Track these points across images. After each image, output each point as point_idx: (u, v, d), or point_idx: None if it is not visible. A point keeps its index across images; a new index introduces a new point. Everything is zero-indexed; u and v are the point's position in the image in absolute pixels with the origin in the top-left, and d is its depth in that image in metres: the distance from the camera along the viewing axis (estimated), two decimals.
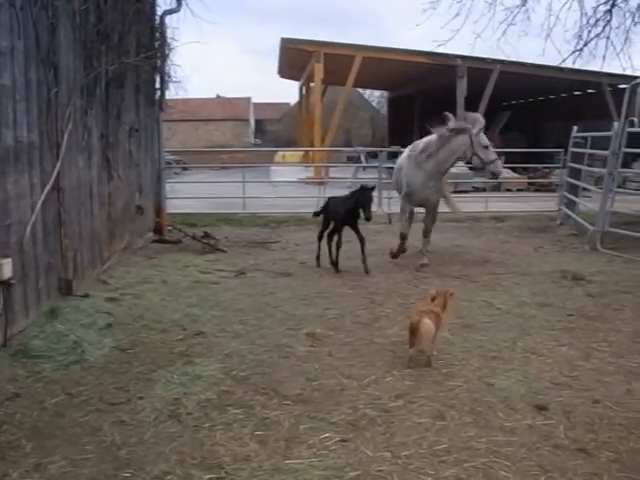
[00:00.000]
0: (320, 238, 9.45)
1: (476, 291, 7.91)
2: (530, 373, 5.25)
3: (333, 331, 6.30)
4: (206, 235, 11.51)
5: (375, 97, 67.15)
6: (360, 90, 64.90)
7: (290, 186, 21.31)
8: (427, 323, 5.15)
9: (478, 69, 27.14)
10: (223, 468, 3.75)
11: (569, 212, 13.57)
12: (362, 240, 8.95)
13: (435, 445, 4.04)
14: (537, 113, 42.26)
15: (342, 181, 22.06)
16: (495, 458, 3.89)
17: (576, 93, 36.91)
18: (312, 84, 30.96)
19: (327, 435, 4.16)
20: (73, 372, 5.20)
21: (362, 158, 28.60)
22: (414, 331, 5.18)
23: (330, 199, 9.63)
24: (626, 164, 11.94)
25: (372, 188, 8.70)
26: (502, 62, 25.49)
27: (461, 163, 10.57)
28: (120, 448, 3.98)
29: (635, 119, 11.47)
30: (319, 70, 26.81)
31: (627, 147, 11.23)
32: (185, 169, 32.05)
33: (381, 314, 6.90)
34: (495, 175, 9.38)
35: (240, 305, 7.23)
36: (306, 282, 8.38)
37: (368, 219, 8.56)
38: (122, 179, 9.40)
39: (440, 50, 16.04)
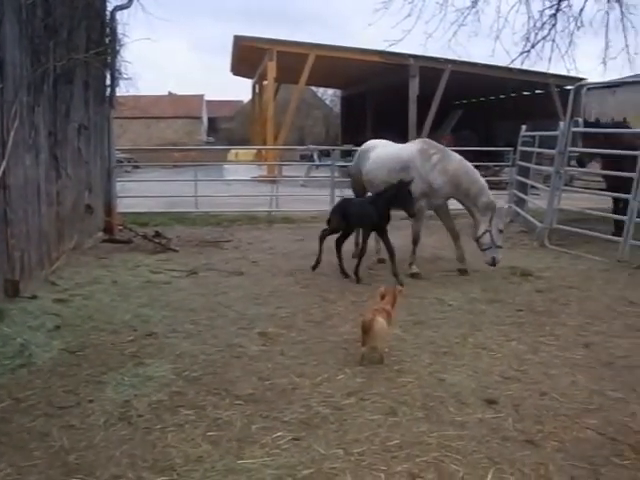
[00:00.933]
0: (323, 240, 8.93)
1: (428, 288, 8.01)
2: (480, 368, 5.34)
3: (285, 330, 6.30)
4: (157, 234, 11.38)
5: (328, 95, 67.32)
6: (313, 88, 64.98)
7: (243, 184, 21.23)
8: (380, 321, 5.20)
9: (430, 68, 27.42)
10: (175, 470, 3.72)
11: (518, 210, 13.84)
12: (392, 251, 8.41)
13: (387, 441, 4.07)
14: (488, 112, 42.87)
15: (295, 179, 22.14)
16: (446, 452, 3.94)
17: (525, 93, 37.61)
18: (265, 82, 30.87)
19: (280, 434, 4.16)
20: (20, 376, 5.08)
21: (315, 157, 28.68)
22: (367, 329, 5.21)
23: (347, 201, 9.09)
24: (582, 164, 12.24)
25: (410, 181, 8.30)
26: (454, 62, 25.79)
27: None
28: (69, 453, 3.90)
29: (580, 119, 11.73)
30: (272, 68, 26.75)
31: (583, 147, 11.57)
32: (136, 167, 31.60)
33: (333, 312, 6.93)
34: (490, 263, 8.84)
35: (192, 305, 7.18)
36: (258, 281, 8.37)
37: (413, 215, 8.44)
38: (71, 177, 9.23)
39: (393, 49, 16.18)
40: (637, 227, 9.92)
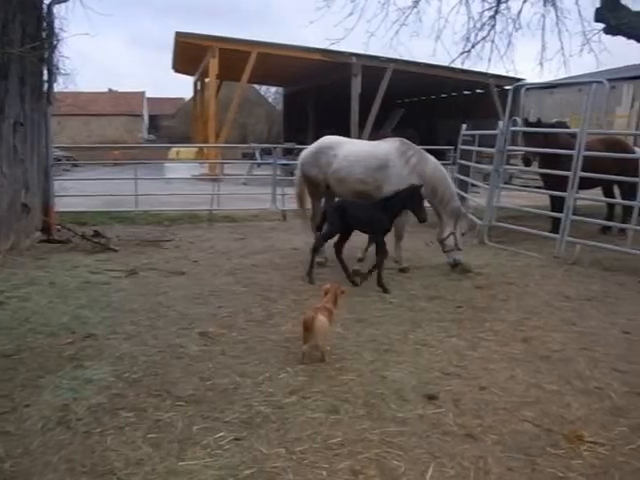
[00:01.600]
0: (317, 250, 8.48)
1: (369, 286, 8.04)
2: (421, 364, 5.40)
3: (226, 329, 6.25)
4: (97, 234, 11.12)
5: (271, 93, 67.12)
6: (256, 86, 64.69)
7: (184, 183, 20.97)
8: (321, 319, 5.21)
9: (373, 67, 27.60)
10: (115, 474, 3.65)
11: None
12: (384, 257, 8.20)
13: (329, 439, 4.08)
14: (430, 111, 43.42)
15: (237, 178, 22.00)
16: (388, 448, 3.98)
17: (466, 92, 38.26)
18: (207, 79, 30.55)
19: (221, 434, 4.13)
20: None
21: (257, 155, 28.57)
22: (308, 327, 5.21)
23: (345, 203, 8.41)
24: (527, 163, 12.51)
25: (421, 186, 8.13)
26: (396, 61, 26.01)
27: None
28: (4, 461, 3.78)
29: (518, 118, 11.97)
30: (214, 65, 26.49)
31: (527, 147, 11.82)
32: (75, 165, 30.93)
33: (275, 311, 6.89)
34: (452, 265, 9.06)
35: (132, 306, 7.05)
36: (199, 281, 8.27)
37: (424, 220, 8.11)
38: (6, 176, 8.99)
39: (335, 48, 16.20)
40: (573, 224, 10.21)
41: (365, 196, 8.85)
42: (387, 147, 8.98)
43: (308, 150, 9.54)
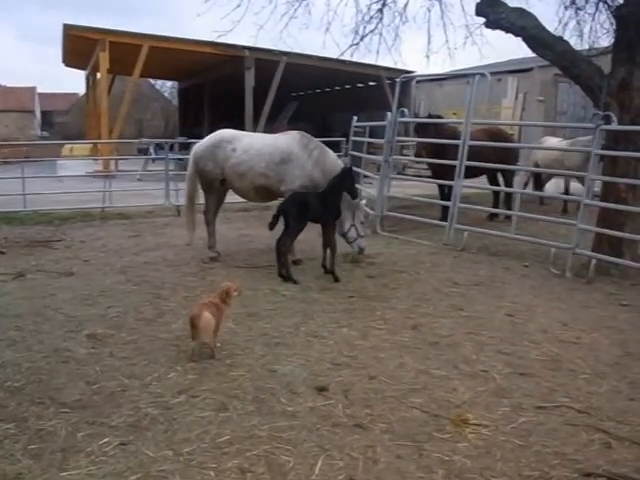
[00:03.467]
0: (286, 253, 8.12)
1: (262, 279, 7.98)
2: (312, 356, 5.39)
3: (115, 330, 6.03)
4: None
5: (167, 88, 65.90)
6: (152, 81, 63.25)
7: (77, 181, 20.19)
8: (206, 316, 5.10)
9: (265, 60, 27.48)
10: None
11: None
12: (334, 246, 8.17)
13: (218, 438, 4.00)
14: (324, 104, 43.67)
15: (131, 174, 21.39)
16: (277, 444, 3.93)
17: (359, 85, 38.75)
18: (99, 74, 29.56)
19: (106, 440, 3.97)
20: None
21: (151, 150, 27.95)
22: (194, 324, 5.10)
23: (306, 195, 8.08)
24: (419, 155, 12.74)
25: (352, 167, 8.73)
26: (288, 54, 25.99)
27: None
28: None
29: (405, 110, 12.18)
30: (104, 59, 25.63)
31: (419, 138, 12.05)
32: None
33: (166, 309, 6.72)
34: (360, 250, 9.06)
35: (17, 310, 6.68)
36: (89, 281, 7.95)
37: (357, 197, 8.52)
38: None
39: (227, 41, 15.91)
40: (461, 212, 10.50)
41: (265, 190, 8.77)
42: (289, 140, 8.84)
43: (202, 144, 9.18)
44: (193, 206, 9.47)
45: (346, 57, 12.99)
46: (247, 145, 8.81)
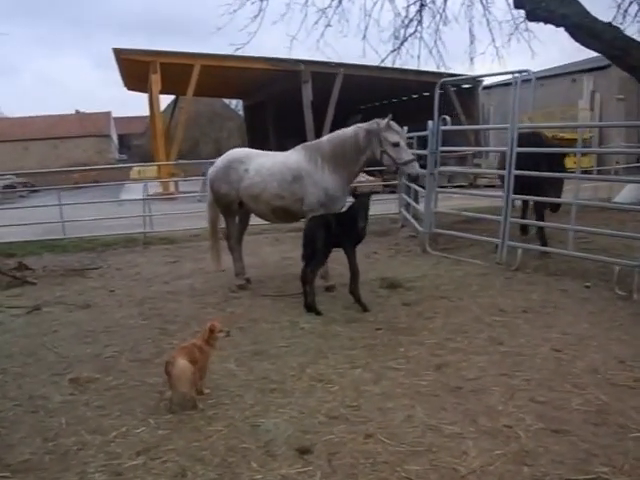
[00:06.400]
0: (313, 280, 7.32)
1: (285, 310, 7.28)
2: (308, 406, 4.64)
3: (102, 373, 5.48)
4: (20, 266, 10.40)
5: (242, 106, 66.64)
6: (226, 101, 64.10)
7: (135, 205, 20.05)
8: (181, 364, 4.45)
9: (322, 73, 27.03)
10: None
11: (406, 214, 13.37)
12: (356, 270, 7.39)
13: None
14: (392, 115, 42.85)
15: (191, 196, 21.21)
16: None
17: (425, 94, 37.65)
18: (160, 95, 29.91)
19: None
20: None
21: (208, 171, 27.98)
22: (168, 372, 4.47)
23: (318, 218, 7.42)
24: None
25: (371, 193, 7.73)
26: (345, 65, 25.47)
27: None
28: None
29: (447, 117, 11.24)
30: (156, 81, 25.89)
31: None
32: (34, 191, 30.05)
33: (167, 347, 6.05)
34: (411, 177, 8.18)
35: (11, 350, 6.28)
36: (100, 315, 7.47)
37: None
38: None
39: (281, 56, 15.46)
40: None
41: (283, 211, 8.10)
42: (295, 156, 8.13)
43: (216, 165, 8.60)
44: (216, 233, 8.90)
45: (387, 64, 12.38)
46: (259, 165, 8.17)
